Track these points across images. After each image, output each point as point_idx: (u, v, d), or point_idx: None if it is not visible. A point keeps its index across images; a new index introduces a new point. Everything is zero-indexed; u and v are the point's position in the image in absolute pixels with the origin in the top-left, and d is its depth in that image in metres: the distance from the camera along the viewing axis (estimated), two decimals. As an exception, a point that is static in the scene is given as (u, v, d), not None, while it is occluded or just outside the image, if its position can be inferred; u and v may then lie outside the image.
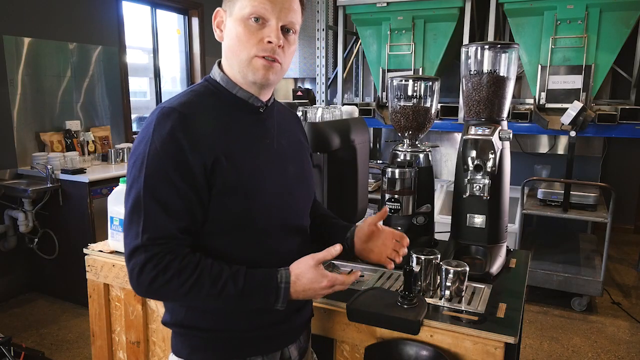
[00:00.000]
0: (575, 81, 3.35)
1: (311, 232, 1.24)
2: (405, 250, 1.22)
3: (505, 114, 1.59)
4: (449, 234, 1.68)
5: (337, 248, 1.03)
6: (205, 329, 1.06)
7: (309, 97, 4.66)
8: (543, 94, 3.44)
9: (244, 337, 1.07)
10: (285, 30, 1.03)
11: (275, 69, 1.03)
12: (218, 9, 1.07)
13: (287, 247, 1.11)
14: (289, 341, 1.15)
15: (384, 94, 4.01)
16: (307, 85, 5.63)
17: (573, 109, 3.12)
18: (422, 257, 1.32)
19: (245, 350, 1.08)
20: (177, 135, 0.96)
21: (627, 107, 3.38)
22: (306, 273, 1.01)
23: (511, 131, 1.53)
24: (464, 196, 1.54)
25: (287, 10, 1.02)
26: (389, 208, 1.57)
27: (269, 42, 1.00)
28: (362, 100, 4.91)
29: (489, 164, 1.49)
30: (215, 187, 0.99)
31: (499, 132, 1.51)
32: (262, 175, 1.05)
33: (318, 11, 4.29)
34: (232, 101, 1.07)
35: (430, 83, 1.62)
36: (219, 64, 1.09)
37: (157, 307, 1.59)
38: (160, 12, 4.92)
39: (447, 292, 1.29)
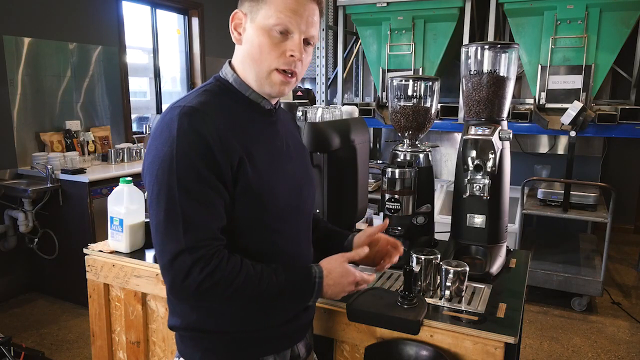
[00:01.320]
0: (575, 81, 3.35)
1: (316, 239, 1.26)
2: (396, 260, 1.24)
3: (505, 114, 1.59)
4: (449, 234, 1.68)
5: (365, 250, 1.11)
6: (217, 331, 1.06)
7: (309, 97, 4.65)
8: (543, 94, 3.44)
9: (256, 338, 1.08)
10: (305, 42, 1.03)
11: (291, 83, 1.04)
12: (237, 10, 1.04)
13: (296, 246, 1.13)
14: (297, 339, 1.16)
15: (384, 94, 4.01)
16: (307, 85, 5.62)
17: (573, 109, 3.12)
18: (422, 257, 1.32)
19: (257, 350, 1.08)
20: (204, 134, 0.94)
21: (627, 107, 3.38)
22: (337, 267, 1.06)
23: (511, 131, 1.53)
24: (464, 196, 1.54)
25: (311, 23, 1.01)
26: (389, 208, 1.56)
27: (292, 55, 1.00)
28: (362, 100, 4.91)
29: (489, 164, 1.49)
30: (237, 186, 0.99)
31: (499, 132, 1.51)
32: (277, 176, 1.06)
33: (318, 11, 4.29)
34: (245, 102, 1.06)
35: (430, 83, 1.62)
36: (230, 64, 1.08)
37: (157, 307, 1.59)
38: (160, 12, 4.92)
39: (447, 292, 1.29)
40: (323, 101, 4.43)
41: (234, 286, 0.95)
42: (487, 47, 1.54)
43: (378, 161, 4.66)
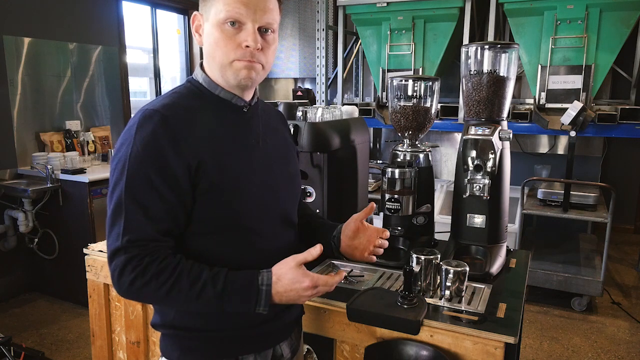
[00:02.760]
0: (575, 81, 3.35)
1: (298, 232, 1.24)
2: (387, 243, 1.22)
3: (505, 114, 1.59)
4: (449, 234, 1.68)
5: (317, 249, 1.00)
6: (196, 329, 1.06)
7: (309, 97, 4.66)
8: (543, 94, 3.44)
9: (235, 336, 1.07)
10: (263, 30, 1.02)
11: (256, 69, 1.03)
12: (195, 13, 1.07)
13: (275, 245, 1.11)
14: (280, 339, 1.15)
15: (384, 94, 4.01)
16: (307, 85, 5.63)
17: (573, 109, 3.12)
18: (422, 257, 1.32)
19: (237, 349, 1.08)
20: (159, 137, 0.95)
21: (627, 107, 3.38)
22: (287, 273, 0.99)
23: (511, 131, 1.53)
24: (464, 196, 1.54)
25: (263, 11, 1.01)
26: (389, 208, 1.57)
27: (247, 46, 1.00)
28: (362, 100, 4.91)
29: (489, 164, 1.49)
30: (200, 188, 0.99)
31: (499, 132, 1.51)
32: (247, 175, 1.05)
33: (318, 11, 4.29)
34: (215, 102, 1.07)
35: (430, 83, 1.62)
36: (202, 66, 1.09)
37: (157, 307, 1.59)
38: (160, 12, 4.92)
39: (447, 292, 1.29)
40: (323, 101, 4.43)
41: (166, 287, 0.94)
42: (487, 47, 1.54)
43: (378, 161, 4.66)
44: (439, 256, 1.34)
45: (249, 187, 1.05)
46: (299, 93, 4.75)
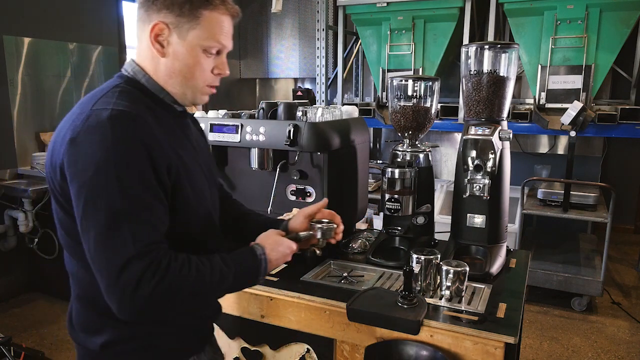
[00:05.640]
0: (575, 81, 3.35)
1: (236, 230, 1.29)
2: (341, 229, 1.24)
3: (505, 114, 1.59)
4: (449, 234, 1.68)
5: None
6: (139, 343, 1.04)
7: (309, 97, 4.66)
8: (543, 94, 3.44)
9: (170, 350, 1.08)
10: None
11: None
12: (158, 21, 0.97)
13: (212, 244, 1.14)
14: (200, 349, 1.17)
15: (384, 94, 4.01)
16: (307, 85, 5.63)
17: (573, 109, 3.12)
18: (422, 257, 1.32)
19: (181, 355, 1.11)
20: (142, 139, 0.91)
21: (627, 107, 3.38)
22: (277, 240, 1.11)
23: (511, 131, 1.54)
24: (464, 196, 1.54)
25: (231, 37, 1.06)
26: (389, 208, 1.56)
27: (219, 73, 1.05)
28: (362, 100, 4.91)
29: (489, 164, 1.49)
30: (176, 193, 0.99)
31: (499, 132, 1.51)
32: (201, 180, 1.08)
33: (318, 11, 4.29)
34: (161, 105, 1.04)
35: (430, 83, 1.62)
36: (136, 62, 1.04)
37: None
38: (160, 12, 4.92)
39: (447, 292, 1.29)
40: (323, 101, 4.43)
41: (190, 281, 0.92)
42: (487, 47, 1.54)
43: (378, 161, 4.66)
44: (439, 256, 1.34)
45: (203, 189, 1.08)
46: (299, 93, 4.75)
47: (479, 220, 1.57)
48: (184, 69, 1.02)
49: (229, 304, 1.43)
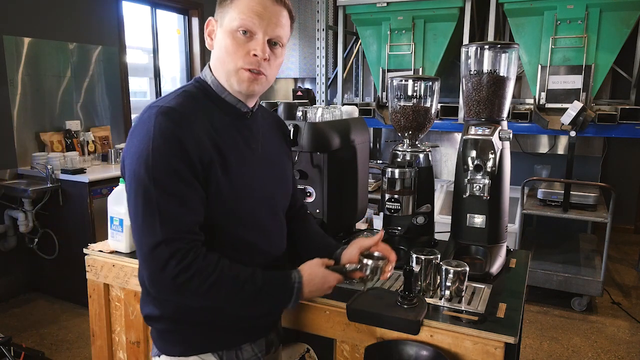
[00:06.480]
0: (575, 81, 3.35)
1: (300, 245, 1.30)
2: (392, 265, 1.21)
3: (505, 114, 1.59)
4: (449, 234, 1.68)
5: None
6: (196, 322, 1.09)
7: (309, 97, 4.66)
8: (543, 94, 3.44)
9: (233, 328, 1.12)
10: (272, 43, 1.07)
11: (260, 81, 1.07)
12: (210, 18, 1.10)
13: (269, 246, 1.16)
14: (270, 329, 1.21)
15: (384, 94, 4.01)
16: (307, 85, 5.63)
17: (573, 109, 3.12)
18: (422, 257, 1.32)
19: (236, 340, 1.13)
20: (179, 133, 0.97)
21: (627, 107, 3.38)
22: (319, 274, 1.09)
23: (511, 131, 1.53)
24: (464, 196, 1.54)
25: (275, 25, 1.05)
26: (389, 208, 1.56)
27: (255, 55, 1.03)
28: (362, 100, 4.91)
29: (489, 164, 1.49)
30: (209, 187, 1.02)
31: (499, 132, 1.51)
32: (248, 178, 1.09)
33: (318, 11, 4.29)
34: (221, 105, 1.09)
35: (430, 83, 1.62)
36: (210, 67, 1.12)
37: (157, 307, 1.58)
38: (160, 12, 4.92)
39: (447, 292, 1.29)
40: (323, 101, 4.43)
41: (209, 283, 0.97)
42: (487, 47, 1.54)
43: (378, 161, 4.66)
44: (439, 256, 1.34)
45: (248, 191, 1.09)
46: (299, 93, 4.75)
47: (479, 220, 1.57)
48: (219, 53, 1.07)
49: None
